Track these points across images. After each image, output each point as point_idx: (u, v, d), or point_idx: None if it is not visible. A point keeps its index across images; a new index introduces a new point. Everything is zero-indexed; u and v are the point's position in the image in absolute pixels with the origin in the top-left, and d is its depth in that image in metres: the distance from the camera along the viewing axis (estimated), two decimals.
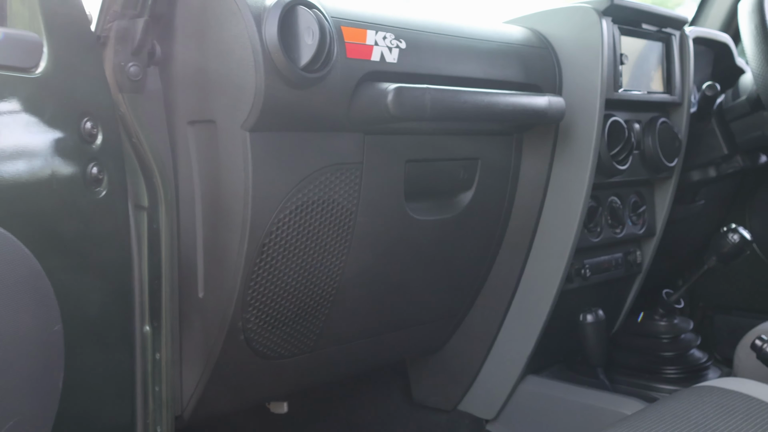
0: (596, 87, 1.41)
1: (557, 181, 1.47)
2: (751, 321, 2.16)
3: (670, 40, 1.61)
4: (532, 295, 1.52)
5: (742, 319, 2.18)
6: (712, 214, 2.09)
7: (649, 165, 1.60)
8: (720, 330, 2.22)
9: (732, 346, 2.16)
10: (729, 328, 2.20)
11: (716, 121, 1.73)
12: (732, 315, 2.22)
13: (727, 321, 2.21)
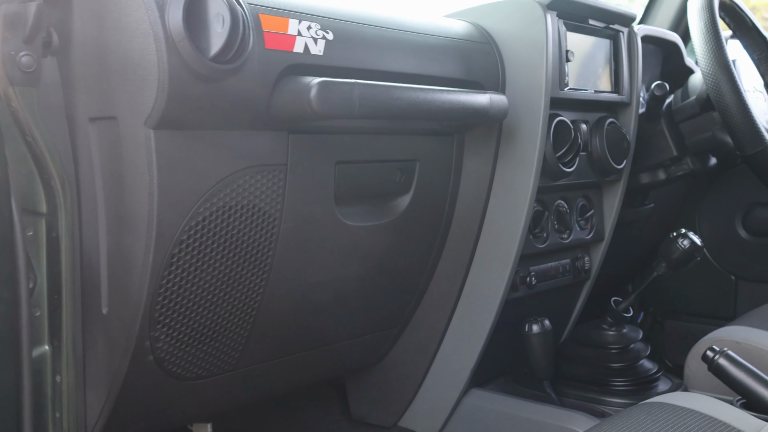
0: (541, 85, 1.33)
1: (501, 184, 1.39)
2: (702, 327, 2.12)
3: (618, 38, 1.55)
4: (475, 304, 1.43)
5: (692, 324, 2.14)
6: (661, 218, 2.04)
7: (597, 167, 1.53)
8: (670, 336, 2.18)
9: (682, 352, 2.11)
10: (679, 334, 2.15)
11: (665, 122, 1.68)
12: (682, 321, 2.17)
13: (677, 327, 2.17)
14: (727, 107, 1.47)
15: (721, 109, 1.48)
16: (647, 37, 1.78)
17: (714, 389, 1.42)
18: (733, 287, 2.09)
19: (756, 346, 1.46)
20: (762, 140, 1.49)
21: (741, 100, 1.46)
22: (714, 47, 1.48)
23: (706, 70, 1.48)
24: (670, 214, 2.09)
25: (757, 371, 1.24)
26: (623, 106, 1.59)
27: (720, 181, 2.08)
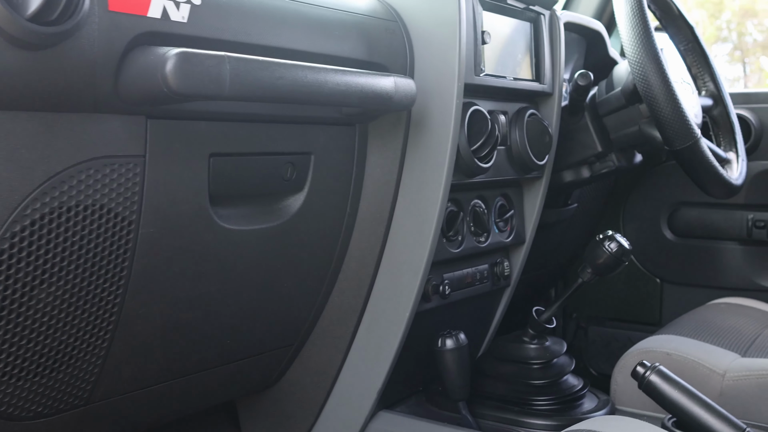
0: (453, 69, 1.18)
1: (410, 182, 1.23)
2: (627, 333, 2.03)
3: (539, 21, 1.41)
4: (382, 317, 1.27)
5: (616, 331, 2.03)
6: (585, 219, 1.93)
7: (517, 163, 1.39)
8: (594, 344, 2.07)
9: (606, 360, 2.01)
10: (603, 341, 2.05)
11: (589, 116, 1.55)
12: (606, 327, 2.07)
13: (601, 333, 2.06)
14: (656, 99, 1.35)
15: (648, 101, 1.36)
16: (569, 24, 1.65)
17: (644, 405, 1.30)
18: (659, 291, 1.99)
19: (687, 357, 1.35)
20: (692, 134, 1.38)
21: (670, 91, 1.35)
22: (641, 34, 1.36)
23: (633, 58, 1.36)
24: (594, 215, 1.98)
25: (690, 388, 1.11)
26: (545, 96, 1.45)
27: (645, 179, 1.98)
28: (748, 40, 15.05)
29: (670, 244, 1.96)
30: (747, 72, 15.28)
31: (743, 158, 1.61)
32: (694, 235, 1.93)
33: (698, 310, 1.65)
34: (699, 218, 1.91)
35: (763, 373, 1.27)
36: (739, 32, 14.97)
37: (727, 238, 1.89)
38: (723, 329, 1.50)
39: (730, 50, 15.12)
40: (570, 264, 2.02)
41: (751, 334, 1.49)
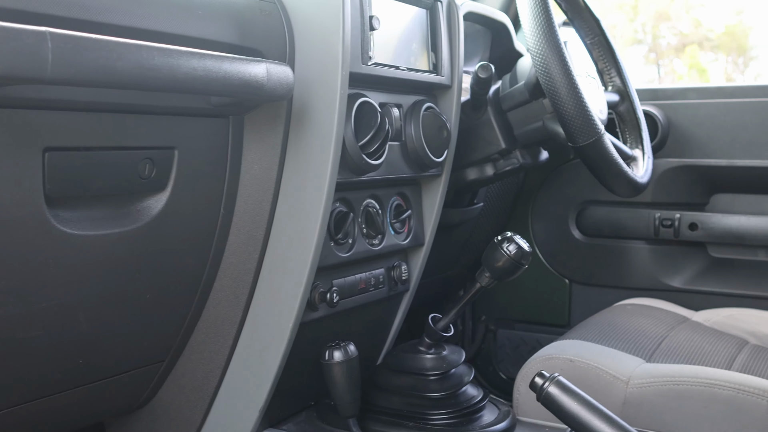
0: (336, 57, 1.07)
1: (292, 180, 1.12)
2: (535, 336, 1.97)
3: (436, 8, 1.32)
4: (264, 329, 1.15)
5: (525, 333, 1.97)
6: (492, 218, 1.86)
7: (413, 160, 1.29)
8: (503, 347, 2.00)
9: (516, 363, 1.94)
10: (512, 344, 1.98)
11: (492, 111, 1.47)
12: (515, 329, 2.00)
13: (509, 336, 2.00)
14: (558, 93, 1.28)
15: (551, 95, 1.29)
16: (473, 14, 1.58)
17: (547, 415, 1.22)
18: (568, 292, 1.94)
19: (590, 363, 1.28)
20: (595, 130, 1.31)
21: (573, 86, 1.28)
22: (544, 26, 1.28)
23: (536, 51, 1.29)
24: (502, 214, 1.91)
25: (589, 399, 1.04)
26: (443, 89, 1.36)
27: (553, 177, 1.93)
28: (662, 42, 15.49)
29: (578, 243, 1.91)
30: (661, 74, 15.73)
31: (649, 156, 1.56)
32: (602, 235, 1.89)
33: (605, 312, 1.60)
34: (607, 217, 1.87)
35: (667, 380, 1.21)
36: (653, 35, 15.40)
37: (634, 237, 1.85)
38: (629, 332, 1.45)
39: (645, 52, 15.52)
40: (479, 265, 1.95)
41: (656, 336, 1.44)
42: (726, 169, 1.75)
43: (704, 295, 1.78)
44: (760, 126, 1.71)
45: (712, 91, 1.77)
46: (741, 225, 1.74)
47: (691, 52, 13.84)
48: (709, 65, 14.48)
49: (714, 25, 14.69)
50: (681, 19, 14.71)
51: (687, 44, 14.30)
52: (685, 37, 14.51)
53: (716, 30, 14.51)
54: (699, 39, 14.41)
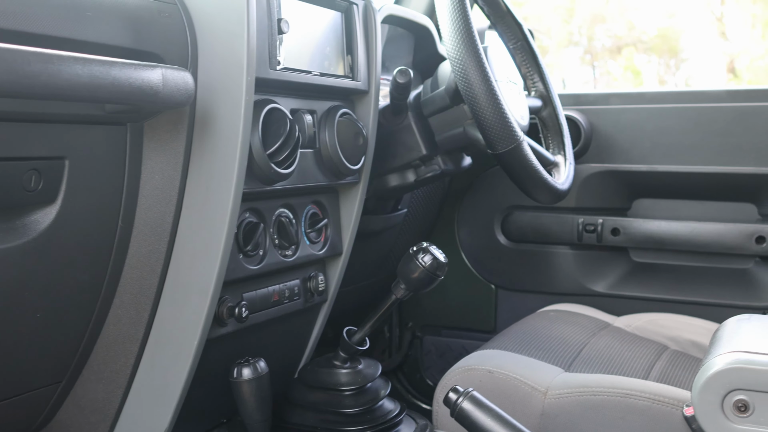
0: (241, 61, 1.02)
1: (196, 191, 1.06)
2: (461, 342, 1.95)
3: (351, 11, 1.28)
4: (168, 347, 1.10)
5: (451, 340, 1.95)
6: (417, 224, 1.83)
7: (328, 167, 1.25)
8: (429, 354, 1.98)
9: (442, 370, 1.91)
10: (438, 351, 1.96)
11: (413, 116, 1.45)
12: (442, 336, 1.98)
13: (436, 343, 1.97)
14: (477, 99, 1.26)
15: (470, 102, 1.27)
16: (394, 17, 1.55)
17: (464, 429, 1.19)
18: (494, 298, 1.93)
19: (509, 374, 1.26)
20: (514, 136, 1.29)
21: (492, 92, 1.26)
22: (462, 31, 1.26)
23: (454, 56, 1.26)
24: (427, 220, 1.89)
25: (503, 415, 1.02)
26: (360, 94, 1.32)
27: (478, 182, 1.91)
28: (597, 44, 15.81)
29: (503, 249, 1.90)
30: (596, 75, 16.02)
31: (571, 162, 1.56)
32: (527, 240, 1.88)
33: (527, 319, 1.58)
34: (531, 223, 1.86)
35: (584, 390, 1.20)
36: (589, 37, 15.70)
37: (558, 242, 1.84)
38: (550, 340, 1.44)
39: (581, 54, 15.84)
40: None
41: (577, 344, 1.44)
42: (647, 175, 1.76)
43: (627, 299, 1.79)
44: (679, 132, 1.72)
45: (634, 96, 1.77)
46: (661, 230, 1.75)
47: (626, 54, 14.15)
48: (643, 67, 14.83)
49: (647, 27, 15.05)
50: (615, 22, 15.03)
51: (621, 46, 14.62)
52: (620, 39, 14.83)
53: (649, 32, 14.88)
54: (633, 41, 14.74)
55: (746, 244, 1.68)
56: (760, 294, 1.69)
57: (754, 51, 14.20)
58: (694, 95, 1.72)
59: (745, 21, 14.46)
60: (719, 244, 1.70)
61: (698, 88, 1.73)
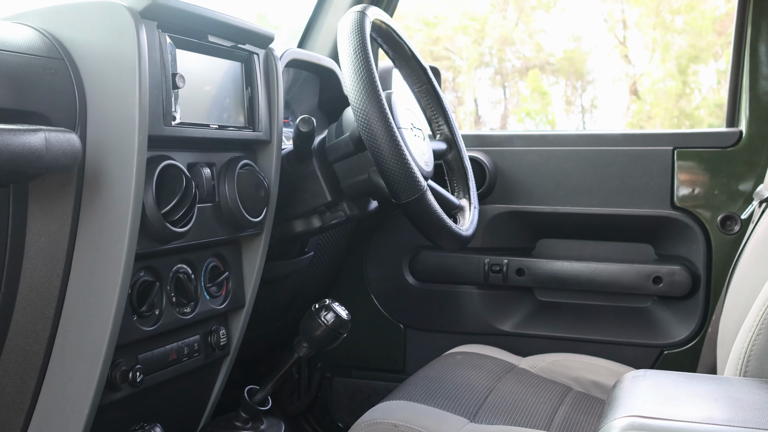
0: (133, 119, 0.99)
1: (85, 253, 1.02)
2: (371, 384, 1.93)
3: (252, 61, 1.26)
4: (56, 416, 1.04)
5: (361, 381, 1.94)
6: (325, 265, 1.81)
7: (228, 221, 1.22)
8: (339, 395, 1.96)
9: (352, 412, 1.90)
10: (348, 392, 1.94)
11: (317, 162, 1.43)
12: (352, 377, 1.96)
13: (345, 384, 1.95)
14: (380, 150, 1.25)
15: (373, 152, 1.26)
16: (298, 61, 1.53)
17: None
18: (402, 338, 1.93)
19: (414, 428, 1.25)
20: (417, 187, 1.29)
21: (394, 141, 1.26)
22: (364, 78, 1.26)
23: (357, 105, 1.26)
24: (335, 261, 1.87)
25: None
26: (262, 144, 1.30)
27: (385, 222, 1.91)
28: (507, 65, 16.22)
29: (411, 289, 1.90)
30: (507, 95, 16.44)
31: (475, 206, 1.57)
32: (435, 280, 1.89)
33: (434, 363, 1.58)
34: (438, 263, 1.87)
35: None
36: (499, 58, 16.10)
37: (465, 282, 1.86)
38: (456, 387, 1.43)
39: (491, 74, 16.21)
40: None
41: (483, 390, 1.44)
42: (550, 215, 1.79)
43: (533, 338, 1.81)
44: (580, 174, 1.76)
45: (536, 138, 1.81)
46: (564, 270, 1.79)
47: (534, 75, 14.57)
48: (551, 88, 15.30)
49: (554, 50, 15.55)
50: (524, 44, 15.47)
51: (530, 68, 15.04)
52: (529, 61, 15.26)
53: (557, 55, 15.37)
54: (541, 63, 15.19)
55: (644, 283, 1.73)
56: (658, 333, 1.74)
57: (654, 74, 14.87)
58: (593, 138, 1.76)
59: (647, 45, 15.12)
60: (619, 283, 1.75)
61: (597, 132, 1.78)
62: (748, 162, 1.65)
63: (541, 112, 15.15)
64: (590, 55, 15.57)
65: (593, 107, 15.59)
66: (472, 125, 11.98)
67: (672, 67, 14.54)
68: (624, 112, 15.52)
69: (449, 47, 15.14)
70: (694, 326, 1.70)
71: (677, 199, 1.70)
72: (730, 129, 1.68)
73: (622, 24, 15.58)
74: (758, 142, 1.64)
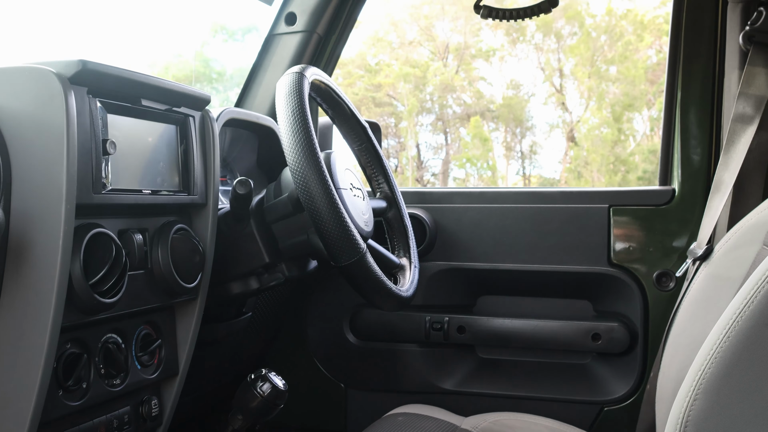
0: (60, 188, 0.95)
1: (8, 326, 0.97)
2: None
3: (187, 124, 1.24)
4: None
5: None
6: (265, 324, 1.77)
7: (161, 287, 1.18)
8: None
9: None
10: None
11: (255, 223, 1.40)
12: None
13: None
14: (319, 213, 1.24)
15: (312, 215, 1.25)
16: (236, 120, 1.52)
17: None
18: (344, 397, 1.89)
19: None
20: (356, 249, 1.28)
21: (333, 205, 1.24)
22: (302, 141, 1.24)
23: (295, 168, 1.24)
24: (275, 321, 1.84)
25: None
26: (197, 207, 1.27)
27: (326, 281, 1.88)
28: (448, 112, 16.50)
29: (352, 347, 1.88)
30: (449, 141, 16.69)
31: (416, 265, 1.56)
32: (376, 338, 1.86)
33: (375, 426, 1.55)
34: (379, 321, 1.85)
35: None
36: (440, 104, 16.37)
37: (407, 340, 1.84)
38: None
39: (433, 120, 16.47)
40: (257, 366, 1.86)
41: None
42: (490, 272, 1.80)
43: (475, 396, 1.80)
44: (518, 230, 1.77)
45: (476, 195, 1.82)
46: (505, 327, 1.78)
47: (475, 121, 14.85)
48: (491, 134, 15.61)
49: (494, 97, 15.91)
50: (465, 91, 15.79)
51: (471, 114, 15.34)
52: (469, 108, 15.57)
53: (496, 101, 15.73)
54: (481, 110, 15.51)
55: (583, 340, 1.74)
56: (597, 389, 1.75)
57: (591, 121, 15.32)
58: (531, 196, 1.78)
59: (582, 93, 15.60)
60: (559, 340, 1.75)
61: (534, 189, 1.80)
62: (681, 219, 1.68)
63: (482, 157, 15.41)
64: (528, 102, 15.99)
65: (532, 153, 15.96)
66: (415, 170, 12.09)
67: (607, 114, 15.02)
68: (562, 157, 15.92)
69: (391, 94, 15.34)
70: (632, 382, 1.72)
71: (614, 256, 1.72)
72: (664, 187, 1.72)
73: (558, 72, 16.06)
74: (690, 200, 1.68)
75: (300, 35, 1.82)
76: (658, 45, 15.28)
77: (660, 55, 15.32)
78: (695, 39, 1.66)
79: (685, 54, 1.67)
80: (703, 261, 1.39)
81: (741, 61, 1.54)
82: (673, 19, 1.69)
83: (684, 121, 1.68)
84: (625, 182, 15.03)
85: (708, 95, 1.66)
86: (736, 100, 1.49)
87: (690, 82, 1.67)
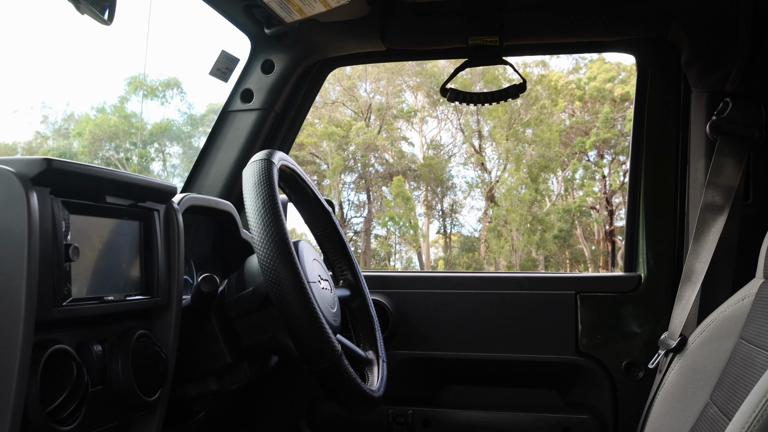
0: (19, 305, 0.83)
1: None
2: None
3: (151, 219, 1.13)
4: None
5: None
6: (218, 424, 1.64)
7: (120, 404, 1.06)
8: None
9: None
10: None
11: (217, 320, 1.29)
12: None
13: None
14: (292, 314, 1.13)
15: (285, 316, 1.14)
16: (194, 207, 1.41)
17: None
18: None
19: None
20: (332, 353, 1.18)
21: (309, 306, 1.14)
22: (274, 234, 1.14)
23: (266, 264, 1.14)
24: (229, 420, 1.70)
25: None
26: (159, 310, 1.16)
27: (280, 371, 1.77)
28: (371, 170, 16.60)
29: None
30: (371, 199, 16.73)
31: (383, 359, 1.47)
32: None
33: None
34: (339, 415, 1.74)
35: None
36: (363, 163, 16.46)
37: None
38: None
39: (355, 179, 16.51)
40: None
41: None
42: (455, 361, 1.72)
43: None
44: (483, 317, 1.71)
45: (439, 280, 1.75)
46: (472, 420, 1.70)
47: (397, 181, 14.97)
48: (413, 193, 15.76)
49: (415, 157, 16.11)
50: (387, 150, 15.93)
51: (393, 173, 15.47)
52: (392, 167, 15.70)
53: (418, 161, 15.92)
54: (403, 169, 15.66)
55: None
56: None
57: (509, 181, 15.67)
58: (496, 281, 1.72)
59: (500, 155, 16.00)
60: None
61: (500, 273, 1.75)
62: (648, 306, 1.66)
63: (404, 216, 15.52)
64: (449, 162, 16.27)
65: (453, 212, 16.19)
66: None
67: (525, 175, 15.43)
68: (482, 216, 16.20)
69: (314, 152, 15.35)
70: None
71: (581, 345, 1.67)
72: (630, 273, 1.70)
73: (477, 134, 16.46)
74: (657, 287, 1.65)
75: (256, 113, 1.74)
76: (571, 109, 15.88)
77: (573, 119, 15.90)
78: (659, 126, 1.66)
79: (648, 140, 1.66)
80: (677, 353, 1.36)
81: (707, 149, 1.54)
82: (636, 103, 1.69)
83: (648, 207, 1.67)
84: (543, 240, 15.38)
85: (672, 182, 1.65)
86: (705, 189, 1.48)
87: (654, 167, 1.66)
